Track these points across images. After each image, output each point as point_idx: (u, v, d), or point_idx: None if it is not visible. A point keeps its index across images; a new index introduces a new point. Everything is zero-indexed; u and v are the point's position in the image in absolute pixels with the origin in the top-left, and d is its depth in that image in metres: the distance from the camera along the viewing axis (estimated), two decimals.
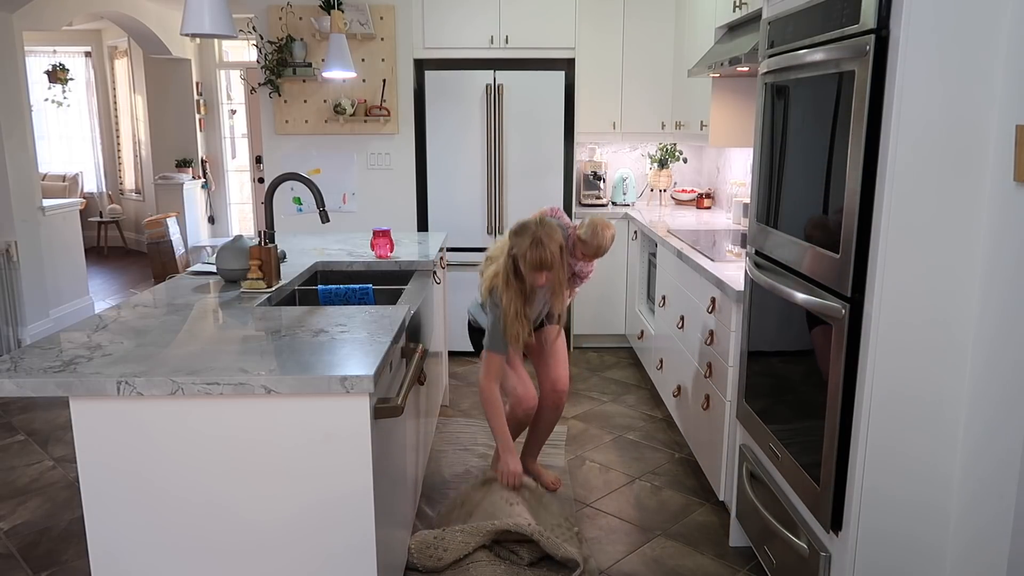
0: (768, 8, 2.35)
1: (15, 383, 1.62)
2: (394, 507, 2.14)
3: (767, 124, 2.35)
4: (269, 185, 2.61)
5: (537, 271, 2.63)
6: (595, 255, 2.94)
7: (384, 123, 4.83)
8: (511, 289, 2.70)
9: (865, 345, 1.76)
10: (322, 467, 1.71)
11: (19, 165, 4.90)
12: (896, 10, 1.62)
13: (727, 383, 2.68)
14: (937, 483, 1.80)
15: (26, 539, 2.77)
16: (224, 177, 8.64)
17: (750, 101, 3.90)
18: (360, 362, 1.72)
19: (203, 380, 1.62)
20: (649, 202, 5.40)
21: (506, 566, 2.53)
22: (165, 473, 1.68)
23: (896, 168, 1.66)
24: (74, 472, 3.25)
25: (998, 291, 1.63)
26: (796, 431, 2.10)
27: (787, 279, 2.13)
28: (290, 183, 4.37)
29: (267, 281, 2.49)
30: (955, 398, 1.75)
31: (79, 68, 8.84)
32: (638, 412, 3.96)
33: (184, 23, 2.17)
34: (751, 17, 3.38)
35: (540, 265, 2.61)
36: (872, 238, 1.72)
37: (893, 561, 1.84)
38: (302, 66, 4.66)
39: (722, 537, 2.75)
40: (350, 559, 1.76)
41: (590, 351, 5.01)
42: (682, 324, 3.36)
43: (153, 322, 2.07)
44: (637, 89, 5.01)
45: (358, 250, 3.28)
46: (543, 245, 2.60)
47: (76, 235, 5.67)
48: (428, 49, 4.80)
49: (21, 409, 4.00)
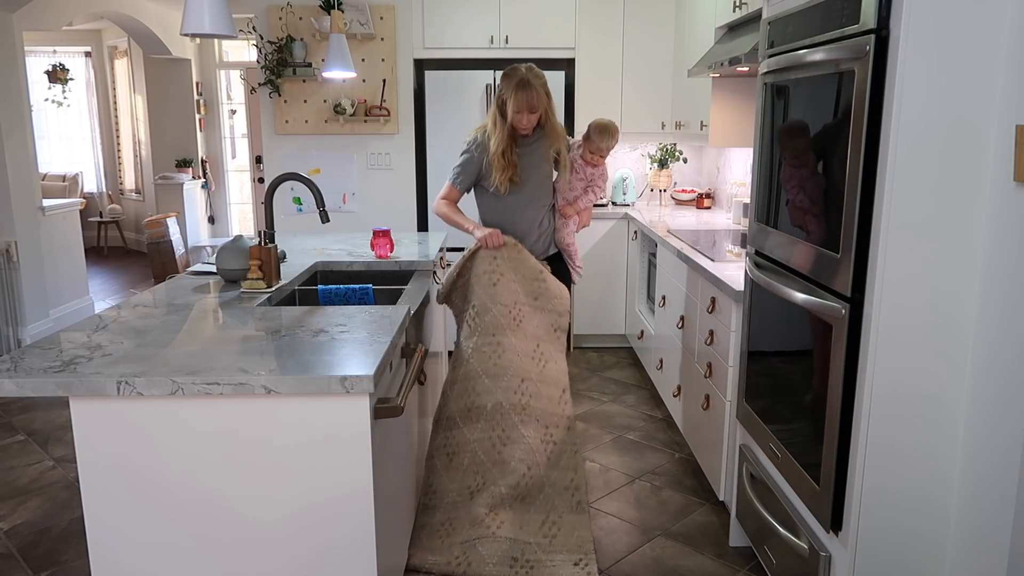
0: (768, 8, 2.35)
1: (15, 383, 1.62)
2: (394, 507, 2.14)
3: (767, 124, 2.35)
4: (269, 185, 2.61)
5: (520, 112, 2.77)
6: (602, 146, 3.06)
7: (384, 123, 4.83)
8: (497, 131, 2.84)
9: (865, 345, 1.76)
10: (322, 467, 1.71)
11: (19, 165, 4.90)
12: (896, 10, 1.62)
13: (727, 383, 2.68)
14: (937, 483, 1.80)
15: (26, 539, 2.77)
16: (224, 177, 8.64)
17: (750, 101, 3.90)
18: (360, 362, 1.72)
19: (203, 380, 1.62)
20: (649, 202, 5.40)
21: (509, 544, 2.52)
22: (165, 473, 1.68)
23: (896, 168, 1.66)
24: (74, 472, 3.25)
25: (998, 291, 1.63)
26: (796, 431, 2.10)
27: (787, 279, 2.13)
28: (290, 183, 4.37)
29: (267, 281, 2.49)
30: (955, 398, 1.75)
31: (79, 68, 8.84)
32: (638, 412, 3.96)
33: (184, 23, 2.17)
34: (751, 17, 3.38)
35: (525, 104, 2.75)
36: (872, 238, 1.72)
37: (893, 561, 1.84)
38: (302, 66, 4.66)
39: (722, 537, 2.75)
40: (350, 559, 1.76)
41: (590, 351, 5.01)
42: (682, 324, 3.36)
43: (153, 322, 2.07)
44: (637, 89, 5.01)
45: (358, 250, 3.28)
46: (529, 86, 2.74)
47: (76, 235, 5.67)
48: (428, 49, 4.80)
49: (21, 409, 4.00)
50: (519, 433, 2.70)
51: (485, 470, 2.68)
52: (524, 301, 2.85)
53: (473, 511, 2.62)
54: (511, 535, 2.58)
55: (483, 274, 2.85)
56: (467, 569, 2.49)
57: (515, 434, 2.69)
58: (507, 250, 2.88)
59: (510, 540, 2.56)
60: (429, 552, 2.56)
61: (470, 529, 2.59)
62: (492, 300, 2.81)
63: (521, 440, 2.69)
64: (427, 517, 2.67)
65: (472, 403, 2.75)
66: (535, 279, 2.89)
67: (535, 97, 2.76)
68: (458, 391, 2.78)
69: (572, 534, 2.63)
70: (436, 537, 2.61)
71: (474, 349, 2.78)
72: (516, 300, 2.83)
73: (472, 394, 2.75)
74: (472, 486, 2.67)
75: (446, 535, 2.60)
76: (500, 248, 2.87)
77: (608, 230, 4.85)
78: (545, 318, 2.89)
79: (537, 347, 2.83)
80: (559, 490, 2.70)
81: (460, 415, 2.76)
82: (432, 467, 2.76)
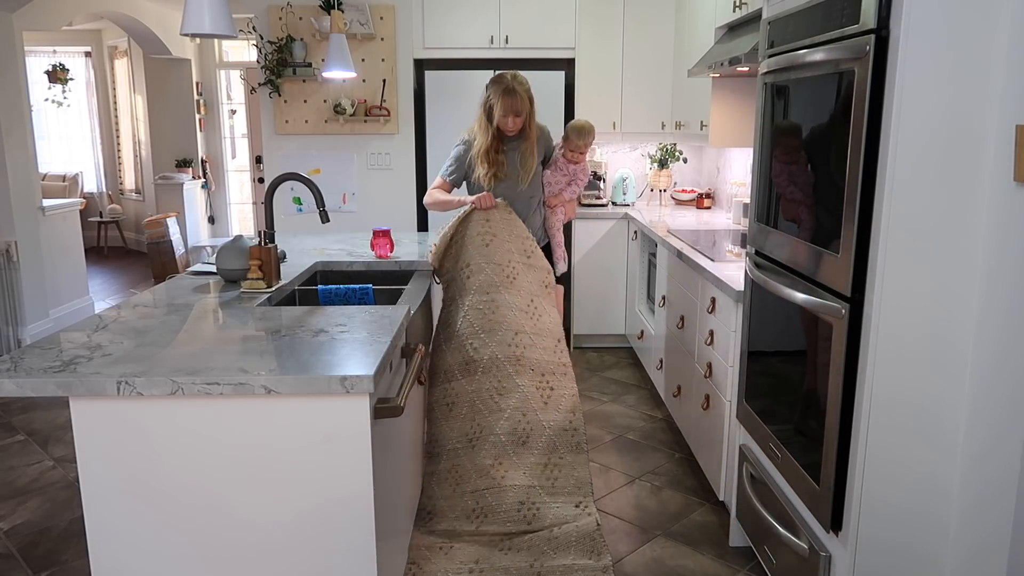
0: (768, 8, 2.35)
1: (15, 383, 1.62)
2: (394, 507, 2.14)
3: (767, 124, 2.35)
4: (269, 185, 2.61)
5: (506, 116, 3.02)
6: (580, 143, 3.29)
7: (384, 123, 4.83)
8: (483, 132, 3.09)
9: (865, 345, 1.76)
10: (322, 467, 1.71)
11: (19, 165, 4.90)
12: (896, 10, 1.62)
13: (727, 383, 2.68)
14: (936, 491, 1.79)
15: (26, 539, 2.77)
16: (224, 177, 8.64)
17: (750, 101, 3.90)
18: (360, 362, 1.72)
19: (203, 380, 1.62)
20: (649, 202, 5.40)
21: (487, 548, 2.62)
22: (165, 473, 1.68)
23: (896, 168, 1.66)
24: (74, 472, 3.25)
25: (998, 291, 1.63)
26: (796, 431, 2.10)
27: (787, 279, 2.13)
28: (290, 183, 4.37)
29: (267, 281, 2.49)
30: (955, 401, 1.75)
31: (79, 68, 8.84)
32: (638, 412, 3.96)
33: (184, 23, 2.17)
34: (751, 17, 3.38)
35: (511, 109, 3.00)
36: (872, 238, 1.72)
37: (893, 564, 1.84)
38: (302, 66, 4.66)
39: (722, 537, 2.75)
40: (350, 558, 1.76)
41: (590, 351, 5.01)
42: (682, 324, 3.36)
43: (153, 322, 2.07)
44: (637, 89, 5.01)
45: (358, 250, 3.28)
46: (514, 92, 2.99)
47: (76, 235, 5.67)
48: (428, 49, 4.80)
49: (21, 409, 4.00)
50: (514, 383, 2.85)
51: (482, 417, 2.83)
52: (518, 259, 3.02)
53: (478, 461, 2.78)
54: (516, 482, 2.74)
55: (476, 236, 3.00)
56: (482, 520, 2.69)
57: (510, 384, 2.85)
58: (499, 211, 3.05)
59: (515, 487, 2.73)
60: (441, 499, 2.76)
61: (477, 479, 2.75)
62: (486, 259, 2.97)
63: (516, 389, 2.85)
64: (433, 465, 2.86)
65: (469, 357, 2.90)
66: (527, 238, 3.07)
67: (519, 103, 3.00)
68: (455, 346, 2.93)
69: (572, 475, 2.81)
70: (446, 484, 2.79)
71: (469, 307, 2.93)
72: (510, 259, 3.00)
73: (469, 349, 2.90)
74: (471, 433, 2.82)
75: (455, 483, 2.78)
76: (492, 209, 3.03)
77: (608, 230, 4.85)
78: (536, 275, 3.06)
79: (531, 302, 3.00)
80: (558, 431, 2.85)
81: (458, 368, 2.91)
82: (433, 418, 2.92)
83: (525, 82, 3.06)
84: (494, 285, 2.95)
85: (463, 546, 2.60)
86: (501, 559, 2.55)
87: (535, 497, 2.73)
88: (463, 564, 2.52)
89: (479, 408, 2.84)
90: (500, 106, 2.99)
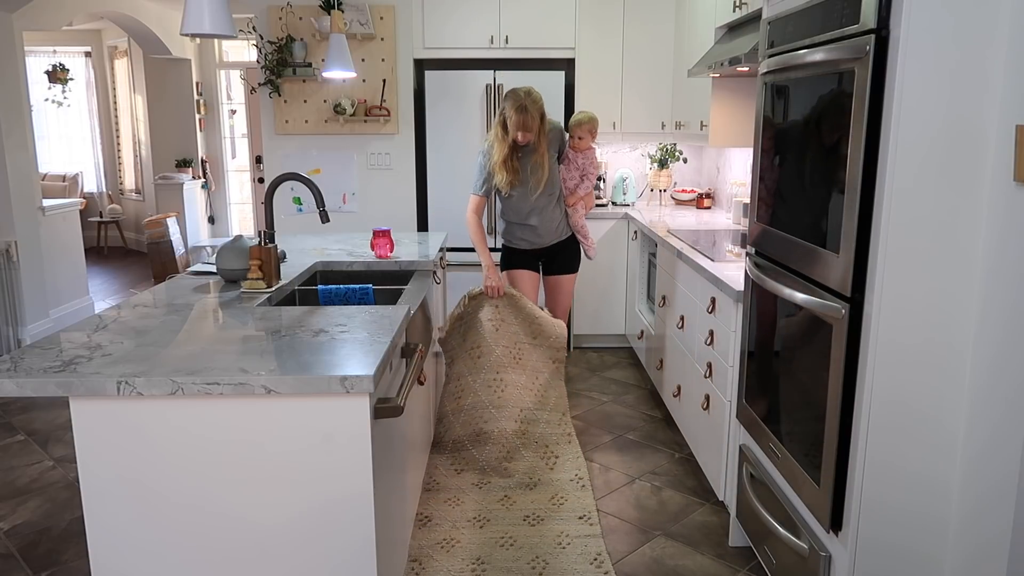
0: (768, 8, 2.35)
1: (15, 383, 1.62)
2: (394, 507, 2.14)
3: (767, 124, 2.35)
4: (269, 185, 2.61)
5: (518, 131, 3.29)
6: (579, 130, 3.65)
7: (384, 123, 4.83)
8: (499, 142, 3.36)
9: (865, 345, 1.76)
10: (322, 467, 1.71)
11: (19, 165, 4.90)
12: (896, 10, 1.62)
13: (727, 383, 2.68)
14: (936, 492, 1.79)
15: (26, 539, 2.77)
16: (224, 177, 8.64)
17: (750, 101, 3.90)
18: (360, 362, 1.72)
19: (203, 380, 1.62)
20: (649, 202, 5.40)
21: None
22: (165, 473, 1.68)
23: (896, 168, 1.66)
24: (74, 472, 3.25)
25: (998, 291, 1.63)
26: (796, 431, 2.10)
27: (787, 279, 2.13)
28: (290, 183, 4.37)
29: (267, 281, 2.49)
30: (955, 401, 1.75)
31: (79, 68, 8.84)
32: (638, 412, 3.96)
33: (184, 23, 2.17)
34: (751, 17, 3.38)
35: (522, 126, 3.27)
36: (872, 238, 1.72)
37: (893, 569, 1.84)
38: (302, 66, 4.66)
39: (722, 537, 2.75)
40: (350, 558, 1.76)
41: (590, 351, 5.01)
42: (682, 324, 3.36)
43: (153, 322, 2.07)
44: (637, 89, 5.01)
45: (358, 250, 3.28)
46: (526, 110, 3.25)
47: (76, 235, 5.67)
48: (428, 49, 4.80)
49: (21, 409, 4.00)
50: (521, 454, 3.27)
51: (492, 479, 3.14)
52: (524, 340, 3.40)
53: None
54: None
55: (486, 320, 3.37)
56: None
57: (517, 455, 3.26)
58: (507, 298, 3.39)
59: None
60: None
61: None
62: (495, 342, 3.35)
63: (522, 459, 3.25)
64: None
65: (480, 428, 3.29)
66: (532, 321, 3.40)
67: (530, 120, 3.28)
68: (464, 419, 3.30)
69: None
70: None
71: (481, 384, 3.33)
72: (516, 341, 3.39)
73: (480, 421, 3.30)
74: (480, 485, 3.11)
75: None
76: (501, 297, 3.37)
77: (608, 230, 4.85)
78: (544, 353, 3.43)
79: (536, 379, 3.40)
80: (562, 485, 3.12)
81: (469, 439, 3.28)
82: (444, 471, 3.19)
83: (539, 99, 3.31)
84: (503, 365, 3.34)
85: (468, 502, 2.92)
86: (503, 558, 2.55)
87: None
88: (465, 563, 2.52)
89: (489, 474, 3.16)
90: (512, 123, 3.28)
